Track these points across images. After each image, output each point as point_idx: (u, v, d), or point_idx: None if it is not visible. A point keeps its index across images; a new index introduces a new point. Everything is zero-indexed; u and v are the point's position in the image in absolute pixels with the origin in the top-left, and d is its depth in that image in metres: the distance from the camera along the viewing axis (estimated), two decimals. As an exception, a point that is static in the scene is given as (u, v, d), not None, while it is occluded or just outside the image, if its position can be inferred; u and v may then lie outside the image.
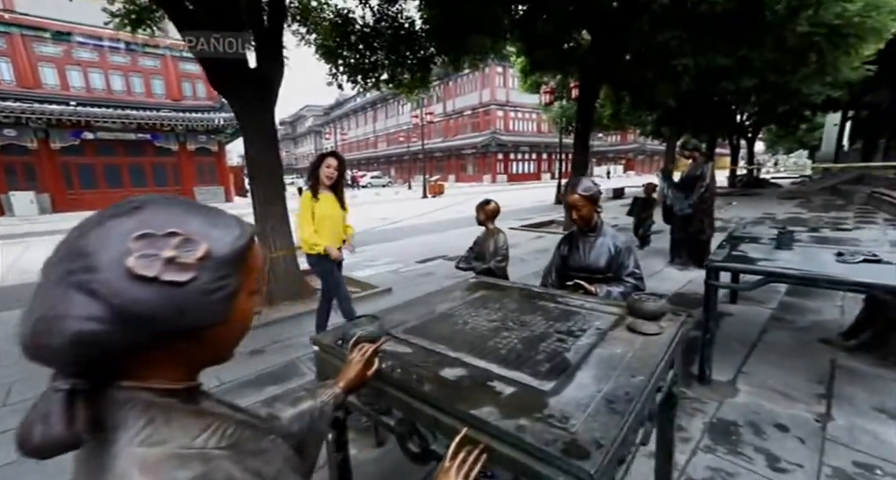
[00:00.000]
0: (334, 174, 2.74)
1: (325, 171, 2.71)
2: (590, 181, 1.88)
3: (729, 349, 2.76)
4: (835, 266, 2.04)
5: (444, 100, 37.38)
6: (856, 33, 3.99)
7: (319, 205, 2.73)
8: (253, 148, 3.89)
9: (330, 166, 2.72)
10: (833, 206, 10.78)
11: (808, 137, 28.56)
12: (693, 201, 4.52)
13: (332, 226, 2.81)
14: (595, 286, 1.82)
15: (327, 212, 2.76)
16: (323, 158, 2.75)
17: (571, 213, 1.91)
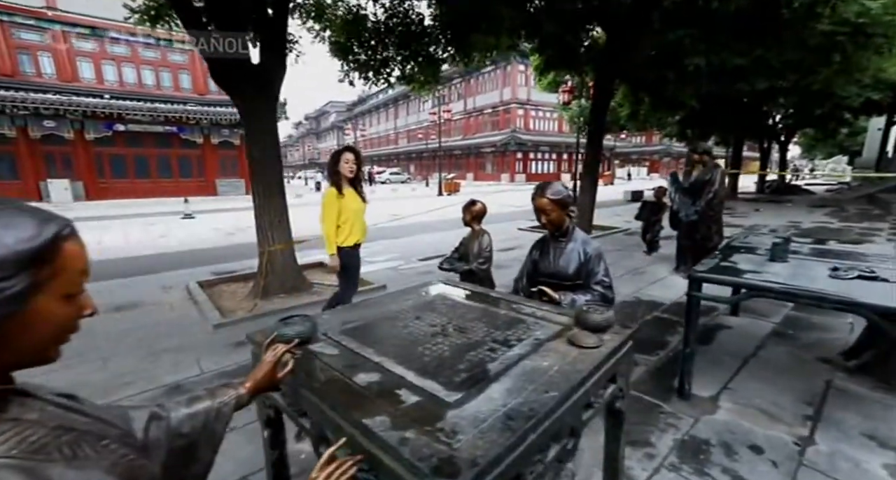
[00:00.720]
0: (354, 167, 2.78)
1: (345, 166, 2.75)
2: (560, 185, 1.83)
3: (719, 363, 2.65)
4: (825, 281, 1.91)
5: (464, 98, 37.25)
6: (883, 33, 3.70)
7: (346, 201, 2.78)
8: (253, 143, 3.98)
9: (349, 160, 2.75)
10: (868, 216, 10.17)
11: (850, 142, 26.99)
12: (700, 207, 4.35)
13: (361, 220, 2.90)
14: (560, 293, 1.77)
15: (354, 206, 2.83)
16: (340, 154, 2.78)
17: (540, 218, 1.86)
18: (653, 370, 2.59)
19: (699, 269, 2.18)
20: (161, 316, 3.61)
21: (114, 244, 7.46)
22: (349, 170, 2.77)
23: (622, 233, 7.95)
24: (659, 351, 2.83)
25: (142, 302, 3.98)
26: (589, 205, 7.79)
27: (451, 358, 1.09)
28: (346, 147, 2.85)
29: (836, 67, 4.19)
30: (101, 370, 2.55)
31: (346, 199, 2.78)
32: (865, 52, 4.01)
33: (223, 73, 3.76)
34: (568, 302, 1.73)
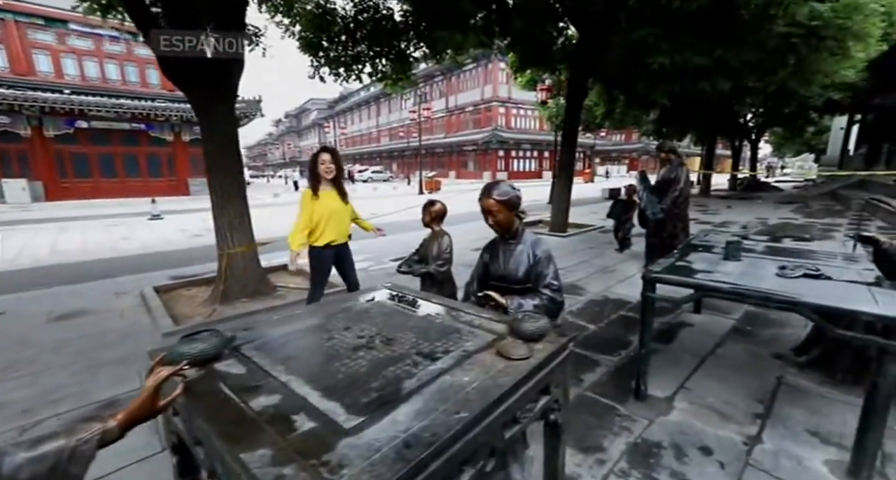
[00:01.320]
0: (332, 168, 2.81)
1: (322, 167, 2.78)
2: (507, 185, 1.77)
3: (679, 361, 2.66)
4: (772, 280, 1.92)
5: (446, 96, 37.13)
6: (833, 36, 3.81)
7: (321, 203, 2.82)
8: (210, 142, 3.80)
9: (325, 161, 2.78)
10: (830, 212, 10.57)
11: (816, 140, 28.10)
12: (666, 205, 4.39)
13: (337, 221, 2.91)
14: (507, 297, 1.71)
15: (330, 207, 2.86)
16: (317, 155, 2.81)
17: (488, 219, 1.80)
18: (613, 370, 2.57)
19: (654, 269, 2.16)
20: (108, 324, 3.41)
21: (69, 247, 7.09)
22: (325, 170, 2.81)
23: (597, 231, 8.02)
24: (621, 351, 2.83)
25: (89, 310, 3.76)
26: (565, 203, 7.85)
27: (367, 374, 1.01)
28: (322, 148, 2.88)
29: (790, 69, 4.29)
30: (28, 386, 2.37)
31: (321, 200, 2.82)
32: (819, 54, 4.12)
33: (173, 67, 3.56)
34: (515, 306, 1.68)
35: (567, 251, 6.12)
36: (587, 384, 2.41)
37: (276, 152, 74.87)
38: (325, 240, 2.90)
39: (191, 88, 3.66)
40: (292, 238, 2.86)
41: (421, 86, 40.38)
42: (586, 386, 2.38)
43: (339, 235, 2.96)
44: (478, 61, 32.42)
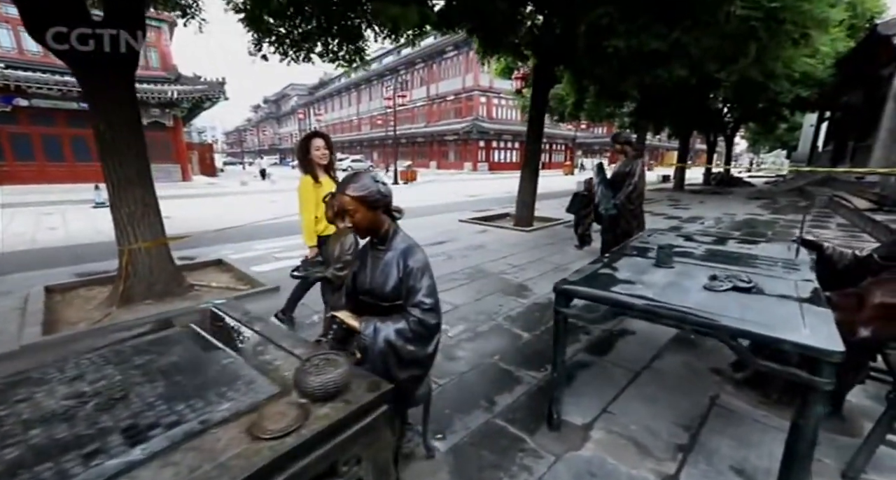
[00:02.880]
0: (326, 153, 2.64)
1: (317, 153, 2.61)
2: (368, 178, 1.40)
3: (609, 378, 2.39)
4: (696, 294, 1.63)
5: (427, 84, 36.35)
6: (793, 20, 3.58)
7: (323, 190, 2.59)
8: (103, 121, 3.29)
9: (319, 147, 2.62)
10: (795, 208, 10.63)
11: (789, 137, 28.65)
12: (619, 201, 4.12)
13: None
14: (363, 320, 1.37)
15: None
16: (309, 140, 2.63)
17: (344, 220, 1.44)
18: (535, 390, 2.28)
19: (570, 279, 1.85)
20: (-31, 332, 2.93)
21: (-18, 238, 6.41)
22: (321, 156, 2.62)
23: (563, 226, 7.76)
24: (548, 366, 2.53)
25: (-43, 314, 3.26)
26: (530, 197, 7.56)
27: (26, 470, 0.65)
28: (313, 133, 2.68)
29: (751, 57, 4.06)
30: None
31: (323, 188, 2.61)
32: (779, 40, 3.89)
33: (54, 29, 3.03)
34: (369, 332, 1.33)
35: (525, 247, 5.84)
36: (499, 408, 2.10)
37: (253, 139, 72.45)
38: (332, 228, 2.64)
39: (69, 56, 3.11)
40: (306, 236, 2.63)
41: (402, 73, 39.49)
42: (497, 412, 2.07)
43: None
44: (459, 49, 31.73)
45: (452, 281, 4.24)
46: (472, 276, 4.42)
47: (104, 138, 3.32)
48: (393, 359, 1.33)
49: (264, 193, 14.88)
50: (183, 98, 15.02)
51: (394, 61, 40.37)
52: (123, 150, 3.37)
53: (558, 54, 6.39)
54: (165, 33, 16.38)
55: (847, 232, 7.25)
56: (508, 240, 6.36)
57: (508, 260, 5.12)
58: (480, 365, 2.55)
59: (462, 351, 2.74)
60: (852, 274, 2.02)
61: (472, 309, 3.49)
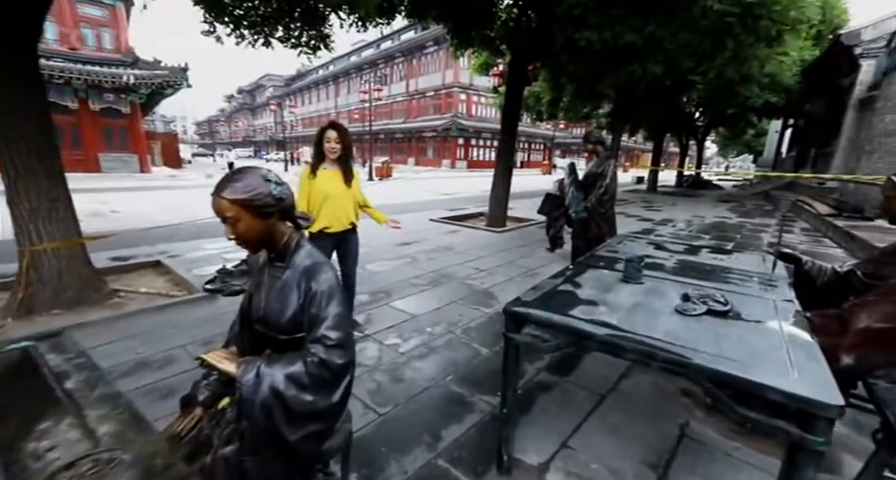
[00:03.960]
0: (336, 147, 2.51)
1: (327, 146, 2.50)
2: (255, 175, 1.07)
3: (569, 404, 2.14)
4: (667, 320, 1.39)
5: (407, 79, 35.79)
6: (769, 16, 3.48)
7: (317, 183, 2.53)
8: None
9: (330, 139, 2.49)
10: (761, 212, 10.87)
11: (755, 142, 29.72)
12: (590, 204, 3.91)
13: (334, 206, 2.58)
14: (241, 363, 1.04)
15: (327, 189, 2.55)
16: (323, 132, 2.52)
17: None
18: (488, 420, 2.00)
19: (524, 298, 1.58)
20: None
21: None
22: (330, 150, 2.50)
23: (536, 226, 7.57)
24: (505, 388, 2.26)
25: None
26: (503, 196, 7.33)
27: None
28: (330, 124, 2.56)
29: (728, 54, 3.95)
30: None
31: (318, 181, 2.54)
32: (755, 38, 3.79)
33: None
34: (248, 379, 1.01)
35: (495, 249, 5.59)
36: (444, 444, 1.82)
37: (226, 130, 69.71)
38: (317, 225, 2.58)
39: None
40: None
41: (381, 66, 38.72)
42: (442, 449, 1.79)
43: (334, 221, 2.61)
44: (439, 44, 31.29)
45: (413, 287, 3.93)
46: (435, 282, 4.13)
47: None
48: (281, 414, 1.01)
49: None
50: (141, 83, 14.02)
51: (373, 54, 39.56)
52: (21, 136, 2.88)
53: (533, 50, 6.17)
54: (121, 12, 15.25)
55: (810, 236, 7.37)
56: (479, 241, 6.10)
57: (476, 263, 4.85)
58: (430, 387, 2.26)
59: (411, 370, 2.44)
60: (832, 291, 1.84)
61: (430, 319, 3.20)
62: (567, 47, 4.42)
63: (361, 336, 2.86)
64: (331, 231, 2.62)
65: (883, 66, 9.39)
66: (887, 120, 8.69)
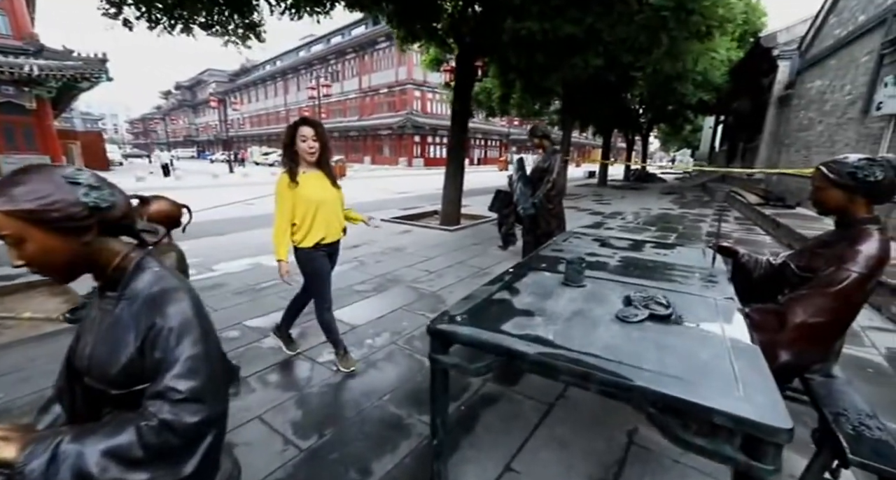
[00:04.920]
0: (314, 147, 2.09)
1: (303, 145, 2.07)
2: (48, 178, 0.78)
3: (516, 418, 1.98)
4: (606, 329, 1.25)
5: (360, 76, 34.85)
6: (700, 12, 3.60)
7: (301, 190, 2.11)
8: None
9: (306, 137, 2.07)
10: (700, 203, 11.54)
11: (692, 138, 31.91)
12: (538, 199, 3.83)
13: (326, 213, 2.19)
14: (31, 442, 0.75)
15: (315, 195, 2.14)
16: (295, 128, 2.09)
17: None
18: (424, 446, 1.79)
19: (452, 312, 1.38)
20: None
21: None
22: (308, 149, 2.08)
23: (490, 224, 7.49)
24: (451, 403, 2.07)
25: None
26: (456, 193, 7.17)
27: None
28: (302, 119, 2.12)
29: (664, 49, 4.05)
30: None
31: (302, 187, 2.11)
32: (688, 32, 3.92)
33: None
34: (37, 465, 0.71)
35: (447, 249, 5.42)
36: (377, 477, 1.59)
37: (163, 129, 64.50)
38: (313, 238, 2.17)
39: None
40: (276, 244, 2.15)
41: (332, 62, 37.40)
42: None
43: (330, 231, 2.23)
44: (391, 40, 30.67)
45: (356, 295, 3.65)
46: (382, 287, 3.87)
47: None
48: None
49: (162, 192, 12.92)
50: (48, 75, 12.41)
51: (323, 50, 38.17)
52: None
53: (479, 43, 6.03)
54: (22, -5, 13.42)
55: (743, 225, 7.87)
56: (430, 241, 5.89)
57: (426, 265, 4.64)
58: (364, 410, 2.02)
59: (345, 391, 2.18)
60: (768, 283, 1.81)
61: (372, 329, 2.95)
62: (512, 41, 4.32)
63: (293, 354, 2.55)
64: (327, 242, 2.22)
65: (796, 66, 10.26)
66: (801, 116, 9.49)
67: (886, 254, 1.41)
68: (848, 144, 6.79)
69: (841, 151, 6.96)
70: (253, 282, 3.90)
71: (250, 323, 2.99)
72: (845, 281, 1.39)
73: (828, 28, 8.59)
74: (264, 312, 3.19)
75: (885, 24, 6.05)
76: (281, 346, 2.59)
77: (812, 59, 9.19)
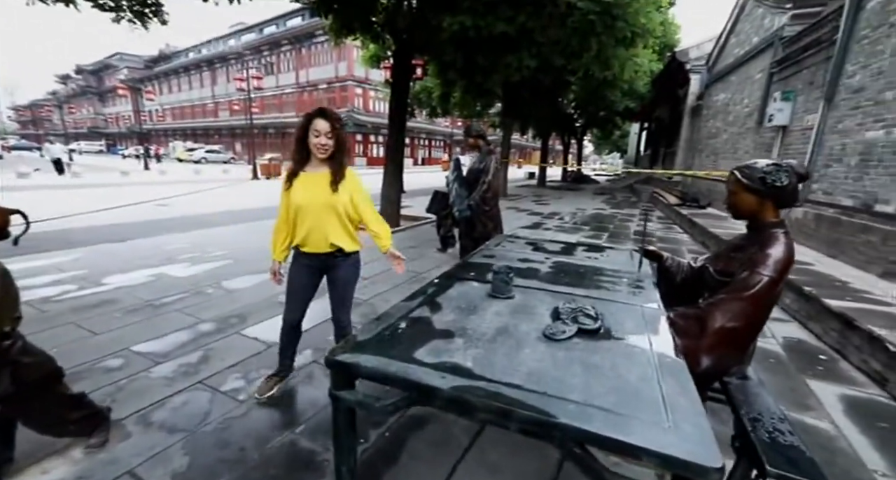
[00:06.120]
0: (328, 144, 1.84)
1: (314, 141, 1.82)
2: None
3: (447, 441, 1.82)
4: (533, 349, 1.12)
5: (297, 70, 33.08)
6: (624, 17, 3.79)
7: (291, 190, 1.89)
8: None
9: (319, 132, 1.81)
10: (628, 203, 12.39)
11: (621, 142, 34.51)
12: (474, 201, 3.73)
13: (309, 219, 1.90)
14: None
15: (297, 197, 1.88)
16: (309, 121, 1.82)
17: None
18: (341, 483, 1.55)
19: (359, 337, 1.17)
20: None
21: None
22: (321, 147, 1.83)
23: (431, 225, 7.35)
24: (370, 432, 1.85)
25: None
26: (395, 194, 6.92)
27: None
28: (318, 111, 1.85)
29: (593, 54, 4.22)
30: None
31: (296, 186, 1.90)
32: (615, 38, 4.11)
33: None
34: None
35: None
36: (271, 540, 1.32)
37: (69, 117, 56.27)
38: (294, 243, 2.02)
39: None
40: (272, 242, 2.06)
41: (266, 53, 35.05)
42: (265, 551, 1.29)
43: (309, 240, 1.95)
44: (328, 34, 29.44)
45: (278, 307, 3.28)
46: (308, 297, 3.53)
47: None
48: None
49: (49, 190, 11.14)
50: None
51: (256, 40, 35.71)
52: None
53: (416, 40, 5.85)
54: None
55: (664, 223, 8.53)
56: (366, 243, 5.59)
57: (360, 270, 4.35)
58: (271, 446, 1.74)
59: (250, 425, 1.88)
60: (689, 286, 1.82)
61: (292, 348, 2.63)
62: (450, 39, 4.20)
63: (190, 386, 2.17)
64: (308, 250, 1.98)
65: (705, 80, 11.38)
66: (710, 124, 10.54)
67: (792, 257, 1.45)
68: (748, 151, 7.61)
69: (743, 157, 7.79)
70: (152, 298, 3.36)
71: (139, 348, 2.52)
72: (758, 285, 1.40)
73: (729, 47, 9.61)
74: (160, 333, 2.73)
75: (773, 47, 6.85)
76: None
77: (717, 74, 10.24)
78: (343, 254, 2.02)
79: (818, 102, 5.15)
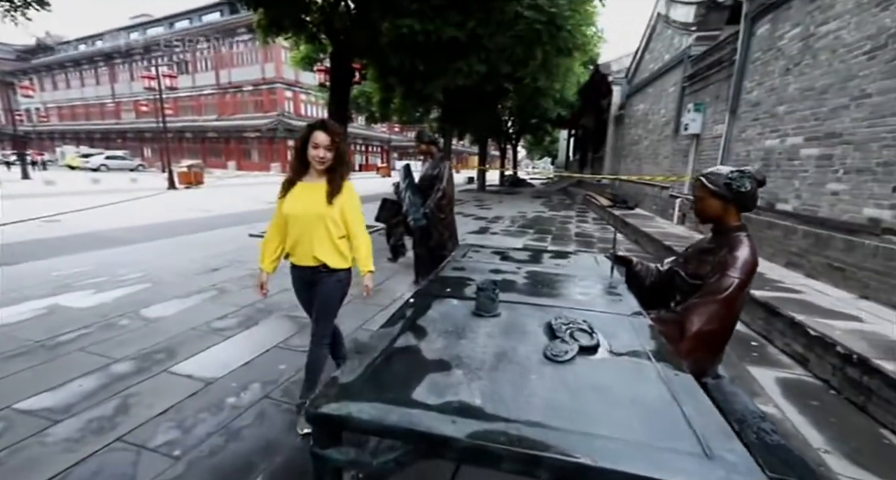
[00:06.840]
0: (326, 157, 1.79)
1: (312, 153, 1.78)
2: None
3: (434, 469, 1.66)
4: (540, 378, 1.02)
5: (216, 69, 30.52)
6: (567, 28, 4.02)
7: (288, 199, 1.86)
8: None
9: (318, 145, 1.76)
10: (564, 206, 13.12)
11: (552, 148, 36.74)
12: (429, 209, 3.61)
13: (298, 230, 1.83)
14: None
15: (288, 207, 1.84)
16: (309, 132, 1.78)
17: None
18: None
19: (344, 379, 0.98)
20: None
21: None
22: (319, 159, 1.78)
23: (378, 233, 7.08)
24: (343, 477, 1.62)
25: None
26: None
27: None
28: (319, 123, 1.80)
29: (538, 62, 4.39)
30: None
31: (290, 197, 1.85)
32: (558, 47, 4.32)
33: None
34: None
35: (333, 266, 4.81)
36: None
37: None
38: (286, 252, 1.92)
39: None
40: (261, 252, 1.96)
41: (177, 50, 31.79)
42: None
43: (296, 251, 1.86)
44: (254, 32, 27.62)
45: (214, 336, 2.87)
46: (249, 320, 3.15)
47: None
48: None
49: None
50: None
51: (165, 34, 32.27)
52: None
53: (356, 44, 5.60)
54: None
55: (598, 224, 9.12)
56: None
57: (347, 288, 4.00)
58: (223, 515, 1.44)
59: (195, 468, 1.55)
60: (659, 290, 1.87)
61: (235, 382, 2.29)
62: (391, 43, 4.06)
63: (103, 447, 1.76)
64: (296, 263, 1.92)
65: (626, 91, 12.49)
66: (632, 132, 11.56)
67: (756, 259, 1.53)
68: (667, 157, 8.43)
69: (663, 162, 8.62)
70: (43, 337, 2.75)
71: (26, 405, 2.01)
72: (730, 288, 1.46)
73: (645, 63, 10.64)
74: (56, 383, 2.21)
75: (683, 63, 7.69)
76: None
77: (636, 87, 11.27)
78: (327, 270, 1.89)
79: (724, 114, 5.85)
